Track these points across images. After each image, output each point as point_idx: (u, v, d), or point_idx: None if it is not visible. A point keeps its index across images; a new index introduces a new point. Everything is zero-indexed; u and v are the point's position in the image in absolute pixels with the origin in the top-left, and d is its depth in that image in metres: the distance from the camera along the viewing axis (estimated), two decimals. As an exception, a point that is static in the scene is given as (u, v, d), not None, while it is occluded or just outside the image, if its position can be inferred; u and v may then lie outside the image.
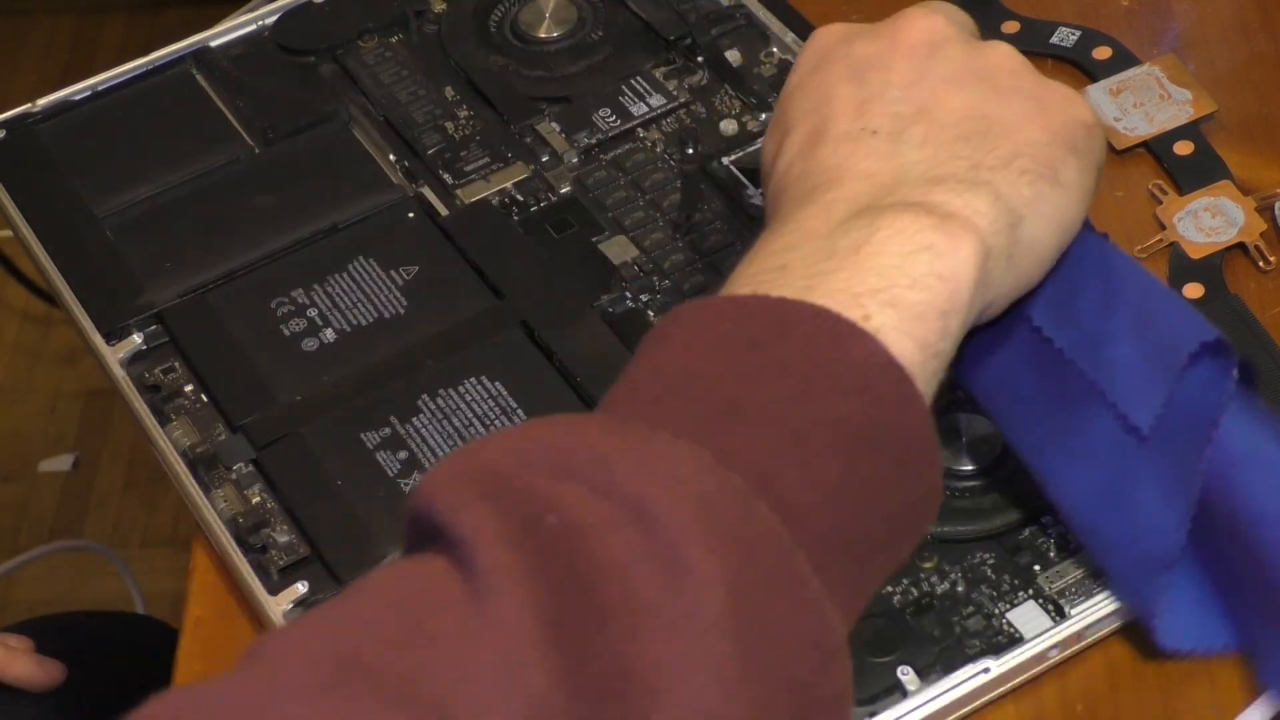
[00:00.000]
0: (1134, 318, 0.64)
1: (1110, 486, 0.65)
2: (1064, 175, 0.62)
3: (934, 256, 0.58)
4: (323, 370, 0.79)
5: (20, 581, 1.71)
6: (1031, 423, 0.66)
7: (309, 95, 0.90)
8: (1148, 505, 0.64)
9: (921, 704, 0.66)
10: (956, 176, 0.60)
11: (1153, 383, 0.63)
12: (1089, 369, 0.64)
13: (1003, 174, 0.61)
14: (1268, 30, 0.91)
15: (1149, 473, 0.64)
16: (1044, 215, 0.61)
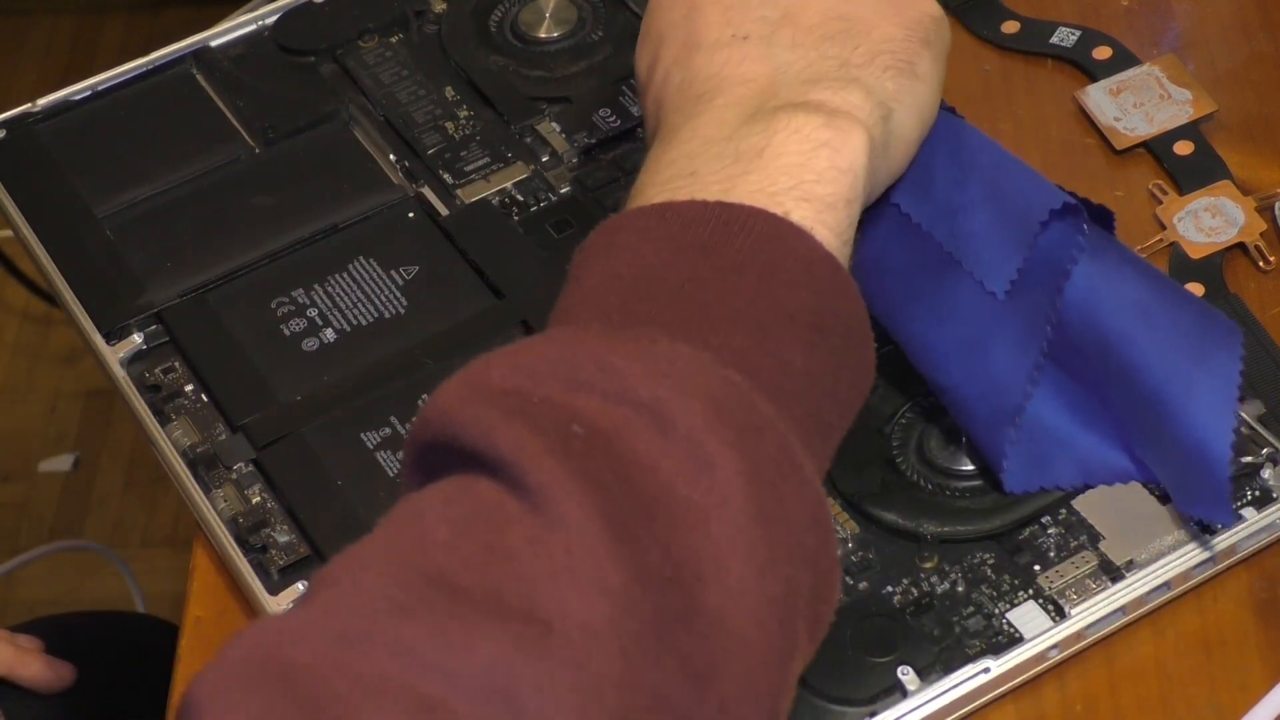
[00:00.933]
0: (986, 190, 0.68)
1: (967, 347, 0.69)
2: (920, 67, 0.66)
3: (832, 151, 0.61)
4: (323, 370, 0.79)
5: (21, 581, 1.71)
6: (898, 295, 0.70)
7: (309, 95, 0.90)
8: (1000, 362, 0.68)
9: (921, 704, 0.66)
10: (830, 75, 0.64)
11: (1006, 250, 0.67)
12: (945, 241, 0.68)
13: (869, 70, 0.64)
14: (1268, 30, 0.91)
15: (1002, 331, 0.68)
16: (907, 106, 0.65)
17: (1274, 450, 0.72)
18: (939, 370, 0.70)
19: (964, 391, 0.69)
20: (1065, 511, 0.71)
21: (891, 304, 0.70)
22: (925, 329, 0.70)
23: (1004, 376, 0.68)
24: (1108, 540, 0.70)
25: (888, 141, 0.64)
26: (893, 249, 0.69)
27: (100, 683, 1.04)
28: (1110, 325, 0.68)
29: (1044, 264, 0.67)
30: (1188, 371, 0.68)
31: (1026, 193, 0.67)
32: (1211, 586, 0.71)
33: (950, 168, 0.68)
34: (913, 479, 0.72)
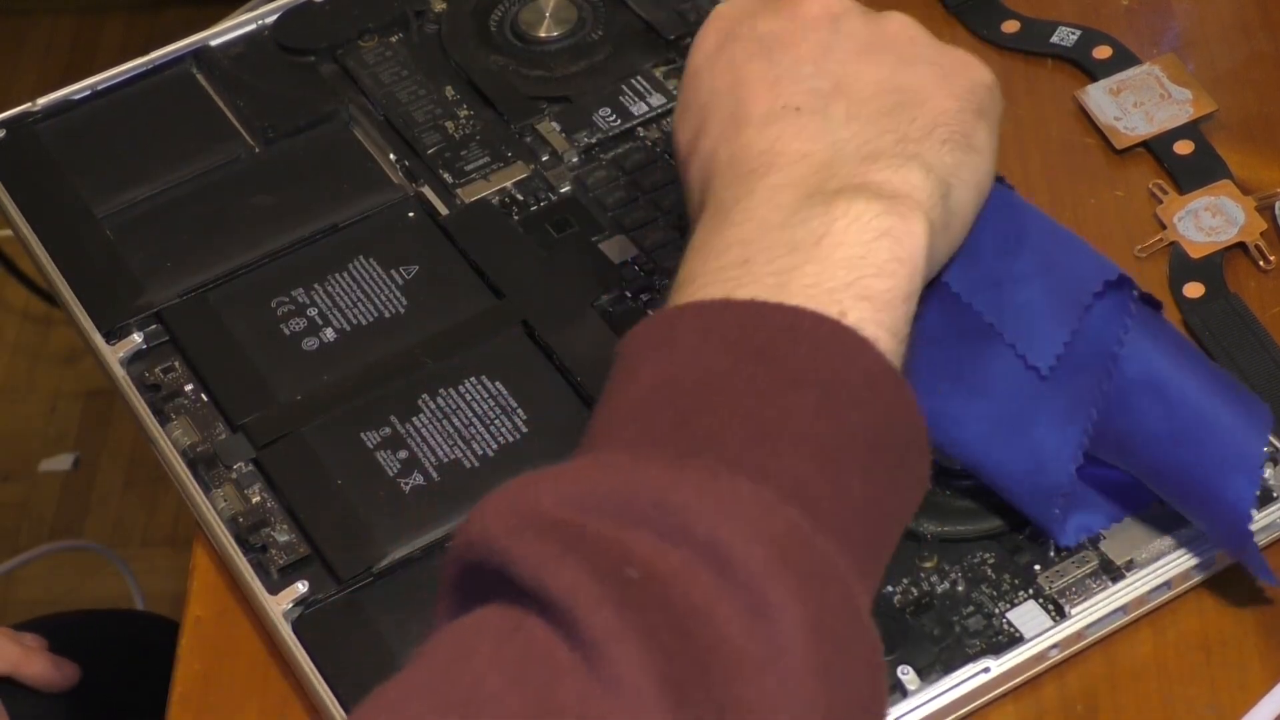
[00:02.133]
0: (1036, 261, 0.66)
1: (1006, 422, 0.66)
2: (976, 140, 0.63)
3: (893, 241, 0.59)
4: (323, 370, 0.79)
5: (21, 581, 1.71)
6: (930, 362, 0.67)
7: (309, 95, 0.90)
8: (1043, 440, 0.66)
9: (921, 703, 0.66)
10: (889, 152, 0.61)
11: (1054, 324, 0.65)
12: (987, 312, 0.66)
13: (927, 145, 0.62)
14: (1268, 30, 0.91)
15: (1046, 409, 0.66)
16: (966, 181, 0.63)
17: (1274, 450, 0.72)
18: (975, 446, 0.67)
19: (1005, 468, 0.67)
20: (1065, 511, 0.71)
21: (919, 365, 0.66)
22: (955, 397, 0.67)
23: (1047, 454, 0.66)
24: (1108, 540, 0.70)
25: (948, 221, 0.62)
26: (927, 319, 0.66)
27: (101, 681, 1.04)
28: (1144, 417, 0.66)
29: (1090, 339, 0.65)
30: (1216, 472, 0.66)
31: (1079, 264, 0.65)
32: (1211, 586, 0.71)
33: (1000, 238, 0.66)
34: (913, 479, 0.72)
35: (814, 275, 0.58)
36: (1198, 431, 0.66)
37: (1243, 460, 0.66)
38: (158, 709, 0.74)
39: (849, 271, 0.58)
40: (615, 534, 0.50)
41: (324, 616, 0.71)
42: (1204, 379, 0.67)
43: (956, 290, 0.66)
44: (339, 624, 0.70)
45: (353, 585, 0.72)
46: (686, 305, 0.58)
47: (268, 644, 0.73)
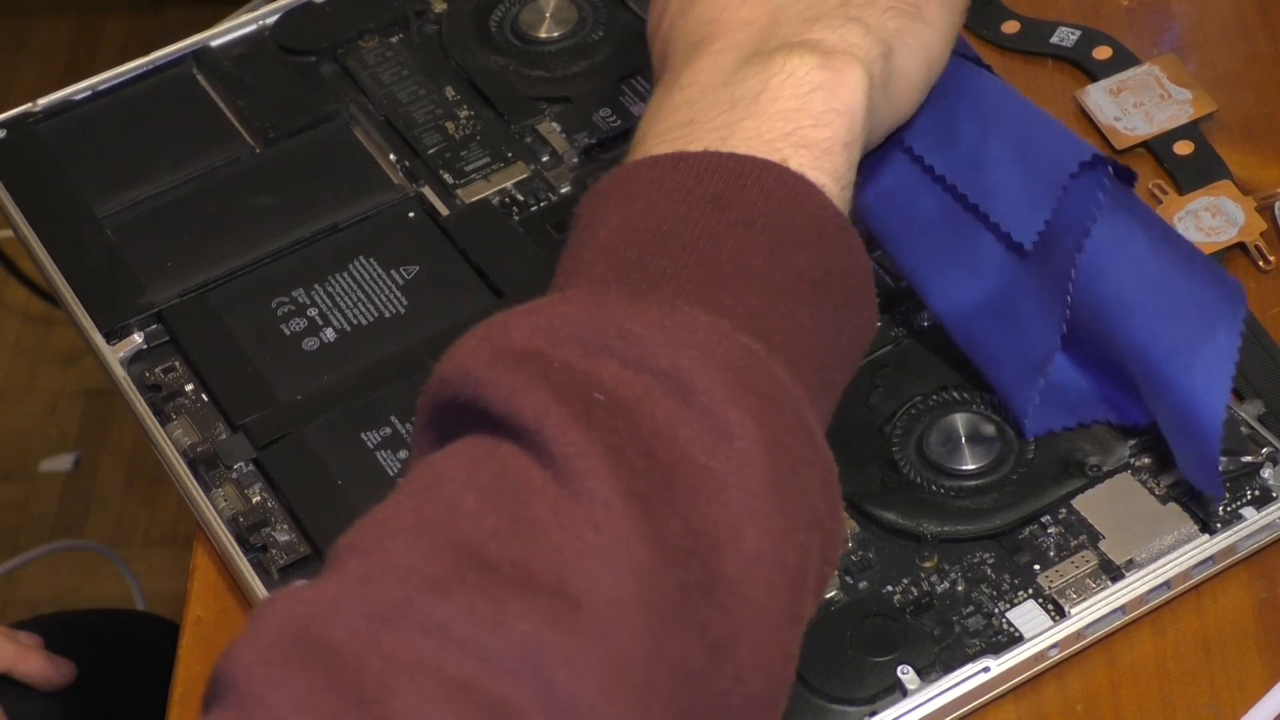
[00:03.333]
0: (1012, 143, 0.68)
1: (992, 299, 0.70)
2: (927, 11, 0.65)
3: (828, 93, 0.61)
4: (323, 370, 0.79)
5: (21, 581, 1.71)
6: (918, 244, 0.71)
7: (309, 95, 0.90)
8: (1027, 315, 0.69)
9: (921, 703, 0.66)
10: (829, 14, 0.64)
11: (1034, 204, 0.68)
12: (970, 193, 0.69)
13: (869, 10, 0.64)
14: (1268, 30, 0.91)
15: (1029, 285, 0.69)
16: (911, 46, 0.64)
17: (1274, 450, 0.72)
18: (964, 321, 0.71)
19: (991, 341, 0.70)
20: (1065, 511, 0.71)
21: (907, 248, 0.71)
22: (951, 282, 0.70)
23: (1032, 329, 0.69)
24: (1108, 540, 0.70)
25: (889, 80, 0.64)
26: (916, 199, 0.69)
27: (101, 680, 1.04)
28: (1119, 289, 0.68)
29: (1068, 217, 0.67)
30: (1188, 346, 0.68)
31: (1054, 145, 0.68)
32: (1211, 586, 0.71)
33: (974, 120, 0.68)
34: (913, 479, 0.72)
35: (754, 128, 0.60)
36: (1174, 300, 0.68)
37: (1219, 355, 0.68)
38: (158, 709, 0.74)
39: (786, 123, 0.60)
40: (582, 363, 0.53)
41: (324, 616, 0.71)
42: (1179, 253, 0.69)
43: (941, 173, 0.69)
44: (339, 624, 0.70)
45: (353, 585, 0.72)
46: (641, 160, 0.61)
47: (268, 644, 0.73)
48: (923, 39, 0.65)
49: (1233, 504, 0.71)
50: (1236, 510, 0.70)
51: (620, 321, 0.54)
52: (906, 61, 0.64)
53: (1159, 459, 0.72)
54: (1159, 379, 0.69)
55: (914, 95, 0.66)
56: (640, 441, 0.52)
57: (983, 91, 0.69)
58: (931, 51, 0.66)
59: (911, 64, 0.65)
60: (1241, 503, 0.71)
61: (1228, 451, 0.72)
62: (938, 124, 0.68)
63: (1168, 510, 0.71)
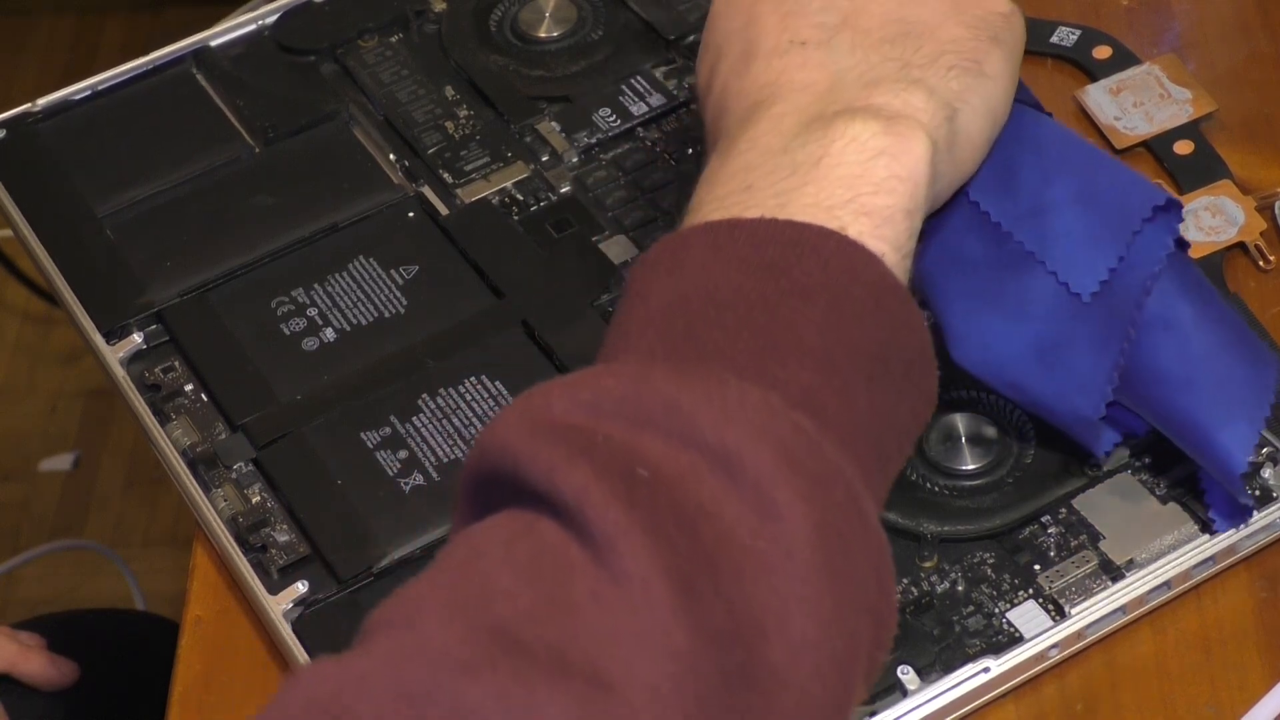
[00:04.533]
0: (1076, 188, 0.66)
1: (1042, 347, 0.67)
2: (989, 66, 0.64)
3: (890, 159, 0.60)
4: (323, 370, 0.79)
5: (21, 581, 1.71)
6: (968, 287, 0.68)
7: (309, 95, 0.90)
8: (1079, 365, 0.67)
9: (921, 703, 0.66)
10: (890, 77, 0.62)
11: (1096, 251, 0.66)
12: (1027, 240, 0.66)
13: (931, 70, 0.63)
14: (1268, 30, 0.91)
15: (1083, 332, 0.66)
16: (975, 106, 0.63)
17: (1274, 450, 0.72)
18: (1011, 368, 0.68)
19: (1041, 391, 0.68)
20: (1065, 511, 0.71)
21: (954, 293, 0.68)
22: (999, 327, 0.68)
23: (1084, 377, 0.67)
24: (1108, 540, 0.70)
25: (954, 143, 0.62)
26: (965, 246, 0.67)
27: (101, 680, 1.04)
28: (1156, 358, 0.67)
29: (1130, 264, 0.66)
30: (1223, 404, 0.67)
31: (1124, 189, 0.66)
32: (1211, 586, 0.71)
33: (1036, 165, 0.67)
34: (913, 479, 0.72)
35: (813, 195, 0.59)
36: (1208, 378, 0.67)
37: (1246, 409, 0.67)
38: (158, 709, 0.74)
39: (847, 189, 0.59)
40: (625, 437, 0.51)
41: (324, 616, 0.71)
42: (1222, 324, 0.68)
43: (997, 219, 0.67)
44: (339, 624, 0.70)
45: (353, 585, 0.72)
46: (695, 226, 0.59)
47: (268, 644, 0.73)
48: (986, 96, 0.63)
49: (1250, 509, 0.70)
50: (1237, 510, 0.70)
51: (666, 395, 0.52)
52: (971, 121, 0.63)
53: (1159, 459, 0.72)
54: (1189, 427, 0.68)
55: (978, 154, 0.64)
56: (683, 520, 0.50)
57: (1046, 137, 0.67)
58: (995, 108, 0.64)
59: (976, 123, 0.63)
60: (1241, 503, 0.71)
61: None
62: (996, 170, 0.66)
63: (1168, 510, 0.71)
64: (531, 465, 0.51)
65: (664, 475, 0.51)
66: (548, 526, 0.50)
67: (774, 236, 0.58)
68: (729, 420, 0.52)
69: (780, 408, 0.54)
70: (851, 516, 0.53)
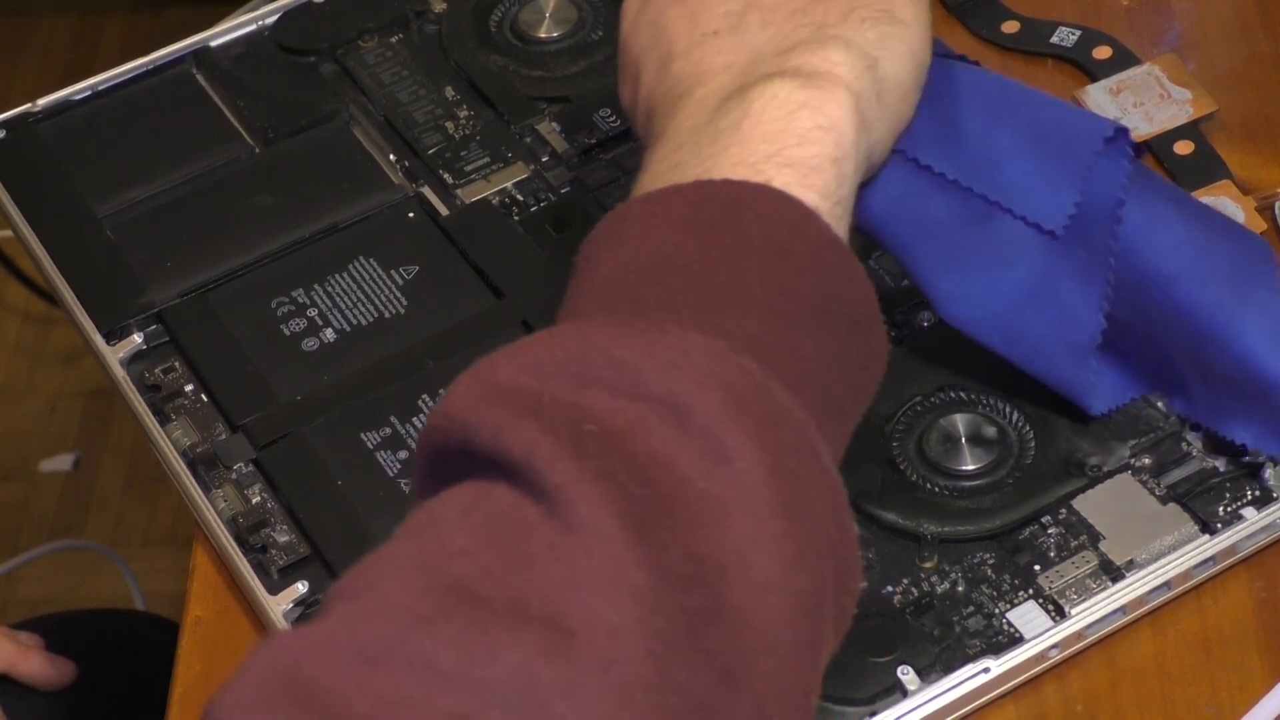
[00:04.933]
0: (1024, 131, 0.67)
1: (1026, 289, 0.68)
2: (900, 12, 0.65)
3: (812, 111, 0.60)
4: (323, 370, 0.79)
5: (21, 581, 1.71)
6: (934, 250, 0.68)
7: (309, 95, 0.90)
8: (1067, 296, 0.68)
9: (921, 704, 0.66)
10: (805, 39, 0.63)
11: (1059, 187, 0.66)
12: (988, 190, 0.67)
13: (845, 26, 0.63)
14: (1268, 30, 0.91)
15: (1065, 266, 0.67)
16: (895, 52, 0.64)
17: (1274, 450, 0.72)
18: (1001, 319, 0.69)
19: (1032, 332, 0.69)
20: (1065, 511, 0.71)
21: (932, 260, 0.69)
22: (980, 280, 0.68)
23: (1074, 309, 0.68)
24: (1108, 540, 0.70)
25: (881, 89, 0.63)
26: (927, 206, 0.68)
27: (101, 680, 1.04)
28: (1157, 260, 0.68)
29: (1098, 194, 0.67)
30: (1235, 308, 0.68)
31: (1071, 125, 0.67)
32: (1211, 586, 0.71)
33: (977, 116, 0.67)
34: (913, 479, 0.72)
35: (737, 154, 0.59)
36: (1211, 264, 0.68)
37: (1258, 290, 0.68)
38: (158, 709, 0.74)
39: (770, 144, 0.59)
40: (571, 395, 0.52)
41: (324, 616, 0.71)
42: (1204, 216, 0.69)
43: (954, 177, 0.67)
44: (339, 624, 0.70)
45: (353, 585, 0.72)
46: (634, 199, 0.60)
47: (268, 644, 0.73)
48: (905, 40, 0.64)
49: (1233, 504, 0.71)
50: (1237, 510, 0.70)
51: (608, 350, 0.53)
52: (894, 67, 0.63)
53: (1159, 459, 0.72)
54: (1213, 345, 0.68)
55: (909, 98, 0.65)
56: (635, 469, 0.50)
57: (980, 86, 0.68)
58: (917, 51, 0.65)
59: (900, 68, 0.64)
60: (1242, 503, 0.71)
61: (1227, 451, 0.72)
62: (937, 128, 0.67)
63: (1168, 510, 0.71)
64: (479, 430, 0.52)
65: (612, 428, 0.51)
66: (501, 490, 0.51)
67: (711, 196, 0.58)
68: (673, 368, 0.52)
69: (724, 351, 0.54)
70: (805, 456, 0.53)
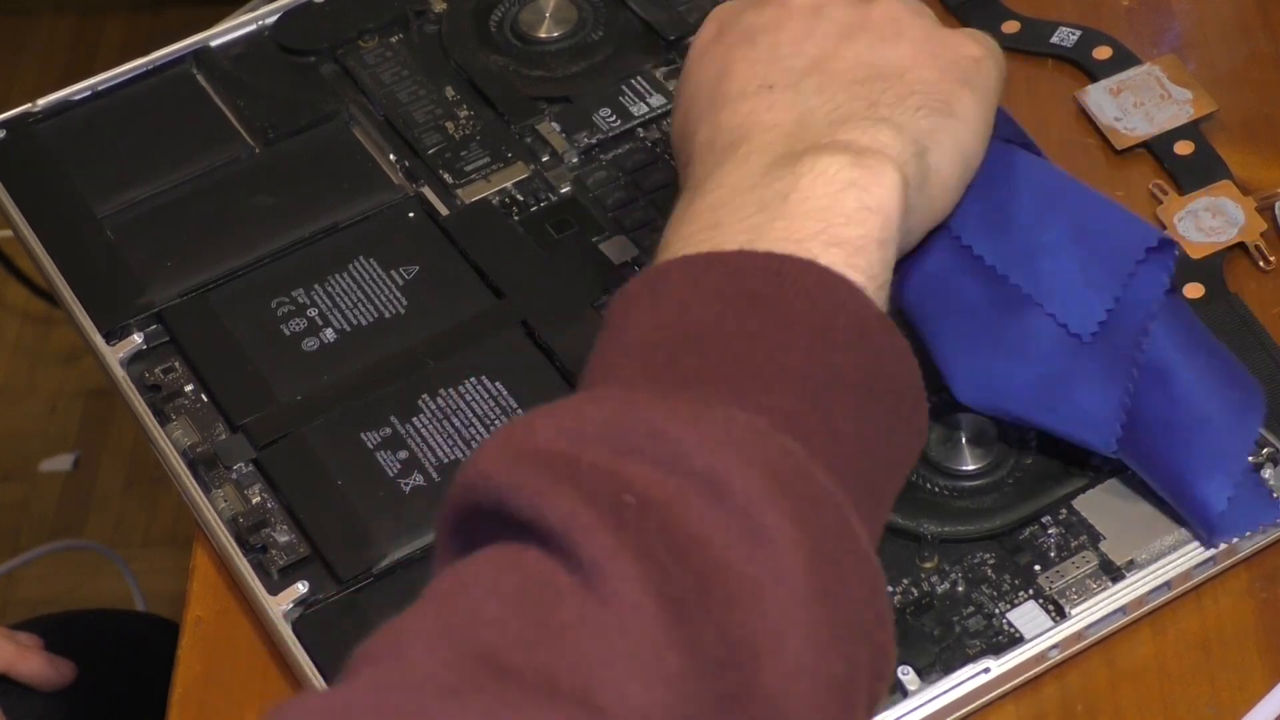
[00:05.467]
0: (1070, 229, 0.66)
1: (1045, 386, 0.67)
2: (958, 108, 0.64)
3: (860, 191, 0.59)
4: (323, 370, 0.79)
5: (21, 581, 1.71)
6: (959, 332, 0.68)
7: (309, 95, 0.90)
8: (1085, 403, 0.67)
9: (921, 704, 0.66)
10: (858, 115, 0.62)
11: (1093, 292, 0.66)
12: (1023, 282, 0.67)
13: (899, 110, 0.63)
14: (1268, 30, 0.91)
15: (1086, 372, 0.67)
16: (944, 145, 0.63)
17: (1274, 450, 0.72)
18: (1017, 407, 0.68)
19: (1047, 426, 0.68)
20: (1065, 511, 0.71)
21: (949, 336, 0.68)
22: (1002, 366, 0.67)
23: (1091, 413, 0.67)
24: (1108, 540, 0.70)
25: (925, 180, 0.62)
26: (960, 287, 0.67)
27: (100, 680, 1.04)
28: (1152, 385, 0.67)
29: (1132, 302, 0.66)
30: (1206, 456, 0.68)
31: (1118, 229, 0.66)
32: (1211, 586, 0.71)
33: (1029, 207, 0.67)
34: (913, 479, 0.72)
35: (783, 229, 0.59)
36: (1190, 427, 0.67)
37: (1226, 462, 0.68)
38: (158, 709, 0.74)
39: (817, 222, 0.59)
40: (610, 463, 0.51)
41: (324, 616, 0.71)
42: (1209, 372, 0.68)
43: (991, 263, 0.67)
44: (339, 624, 0.70)
45: (353, 585, 0.72)
46: (674, 259, 0.59)
47: (268, 644, 0.73)
48: (957, 136, 0.63)
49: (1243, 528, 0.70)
50: (1237, 512, 0.70)
51: (651, 420, 0.52)
52: (941, 160, 0.63)
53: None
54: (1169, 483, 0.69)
55: (950, 194, 0.64)
56: (673, 545, 0.49)
57: (1038, 178, 0.67)
58: (967, 149, 0.64)
59: (946, 162, 0.63)
60: (1242, 503, 0.71)
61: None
62: (989, 212, 0.66)
63: (1168, 510, 0.71)
64: (516, 494, 0.50)
65: (651, 501, 0.50)
66: (534, 556, 0.50)
67: (754, 267, 0.57)
68: (715, 444, 0.51)
69: (767, 430, 0.53)
70: (844, 541, 0.53)
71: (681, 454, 0.51)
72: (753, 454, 0.52)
